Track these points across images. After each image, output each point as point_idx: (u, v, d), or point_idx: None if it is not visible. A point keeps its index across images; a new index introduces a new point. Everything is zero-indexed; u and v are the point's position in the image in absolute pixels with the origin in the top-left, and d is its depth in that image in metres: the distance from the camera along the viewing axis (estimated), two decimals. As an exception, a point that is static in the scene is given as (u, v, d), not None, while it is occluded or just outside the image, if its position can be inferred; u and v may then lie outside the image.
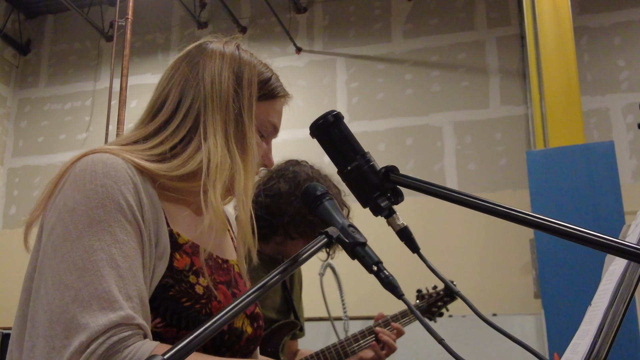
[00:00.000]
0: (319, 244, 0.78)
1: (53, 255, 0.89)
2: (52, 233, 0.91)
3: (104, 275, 0.86)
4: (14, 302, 4.35)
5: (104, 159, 0.95)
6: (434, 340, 0.75)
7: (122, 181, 0.94)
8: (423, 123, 7.01)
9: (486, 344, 4.33)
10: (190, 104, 1.05)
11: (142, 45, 8.15)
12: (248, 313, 1.12)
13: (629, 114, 6.40)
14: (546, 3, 4.46)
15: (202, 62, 1.09)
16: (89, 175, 0.92)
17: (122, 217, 0.91)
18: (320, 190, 0.90)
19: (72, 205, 0.91)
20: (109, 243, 0.88)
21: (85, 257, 0.87)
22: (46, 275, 0.89)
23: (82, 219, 0.89)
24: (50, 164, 8.10)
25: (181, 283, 0.99)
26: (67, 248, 0.88)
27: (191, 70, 1.09)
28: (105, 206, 0.90)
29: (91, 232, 0.88)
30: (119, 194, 0.92)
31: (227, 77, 1.07)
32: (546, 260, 3.79)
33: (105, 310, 0.84)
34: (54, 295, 0.86)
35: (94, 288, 0.85)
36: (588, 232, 0.64)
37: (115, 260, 0.88)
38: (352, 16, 7.63)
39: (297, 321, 2.04)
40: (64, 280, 0.86)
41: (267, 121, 1.12)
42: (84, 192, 0.91)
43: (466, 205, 0.75)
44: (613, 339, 0.74)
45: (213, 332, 0.63)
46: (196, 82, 1.07)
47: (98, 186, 0.91)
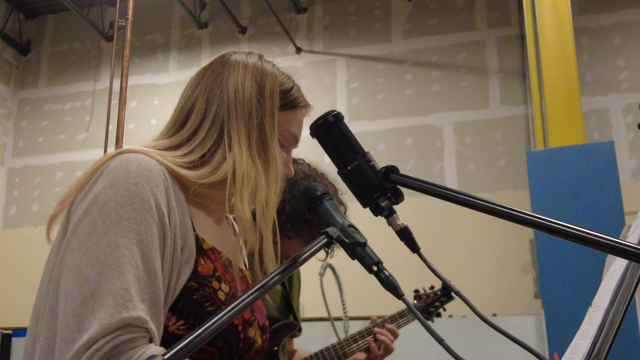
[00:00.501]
0: (319, 244, 0.78)
1: (77, 247, 0.90)
2: (79, 225, 0.92)
3: (124, 272, 0.87)
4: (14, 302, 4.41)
5: (139, 159, 0.96)
6: (434, 340, 0.75)
7: (155, 182, 0.95)
8: (423, 123, 7.01)
9: (486, 344, 4.33)
10: (215, 113, 1.07)
11: (142, 45, 8.15)
12: (260, 324, 1.13)
13: (629, 114, 6.40)
14: (546, 3, 4.46)
15: (227, 72, 1.11)
16: (123, 173, 0.94)
17: (149, 217, 0.92)
18: (320, 190, 0.90)
19: (103, 200, 0.92)
20: (133, 241, 0.89)
21: (109, 252, 0.88)
22: (68, 266, 0.90)
23: (111, 214, 0.90)
24: (50, 164, 8.11)
25: (205, 287, 1.01)
26: (92, 242, 0.89)
27: (215, 79, 1.11)
28: (134, 204, 0.91)
29: (118, 228, 0.89)
30: (149, 194, 0.93)
31: (250, 86, 1.09)
32: (546, 260, 3.79)
33: (119, 307, 0.85)
34: (72, 286, 0.87)
35: (112, 283, 0.86)
36: (588, 232, 0.64)
37: (136, 261, 0.89)
38: (352, 16, 7.63)
39: (296, 322, 2.04)
40: (85, 273, 0.87)
41: (288, 131, 1.13)
42: (116, 189, 0.92)
43: (466, 205, 0.75)
44: (613, 339, 0.74)
45: (213, 332, 0.63)
46: (220, 91, 1.09)
47: (130, 184, 0.93)
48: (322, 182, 1.89)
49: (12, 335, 5.63)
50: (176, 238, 0.97)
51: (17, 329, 5.84)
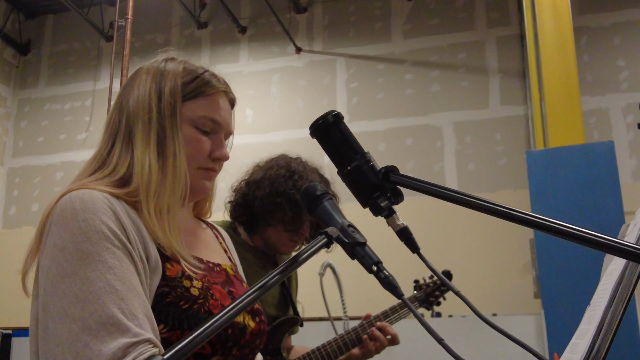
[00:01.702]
0: (319, 244, 0.78)
1: (53, 292, 0.93)
2: (49, 273, 0.95)
3: (105, 302, 0.90)
4: (14, 302, 4.40)
5: (80, 195, 1.00)
6: (434, 340, 0.75)
7: (101, 211, 0.98)
8: (423, 123, 7.01)
9: (486, 344, 4.33)
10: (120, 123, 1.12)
11: (142, 45, 8.15)
12: (248, 309, 1.14)
13: (629, 114, 6.40)
14: (546, 3, 4.45)
15: (132, 83, 1.15)
16: (70, 213, 0.98)
17: (109, 244, 0.96)
18: (319, 190, 0.90)
19: (61, 244, 0.96)
20: (102, 271, 0.93)
21: (84, 288, 0.91)
22: (51, 312, 0.93)
23: (73, 254, 0.94)
24: (50, 164, 8.11)
25: (176, 289, 1.04)
26: (65, 284, 0.92)
27: (122, 92, 1.16)
28: (90, 238, 0.95)
29: (84, 264, 0.93)
30: (100, 223, 0.97)
31: (149, 88, 1.12)
32: (546, 260, 3.79)
33: (113, 334, 0.88)
34: (62, 328, 0.90)
35: (98, 316, 0.89)
36: (588, 232, 0.64)
37: (113, 286, 0.92)
38: (352, 16, 7.63)
39: (297, 317, 2.05)
40: (69, 313, 0.90)
41: (202, 117, 1.13)
42: (69, 230, 0.96)
43: (466, 205, 0.75)
44: (612, 338, 0.74)
45: (213, 331, 0.64)
46: (125, 102, 1.13)
47: (80, 221, 0.96)
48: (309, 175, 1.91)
49: (12, 335, 5.63)
50: (140, 252, 1.00)
51: (17, 329, 5.83)
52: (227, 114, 1.18)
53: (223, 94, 1.18)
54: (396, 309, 2.10)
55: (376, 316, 2.09)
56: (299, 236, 1.95)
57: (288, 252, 1.99)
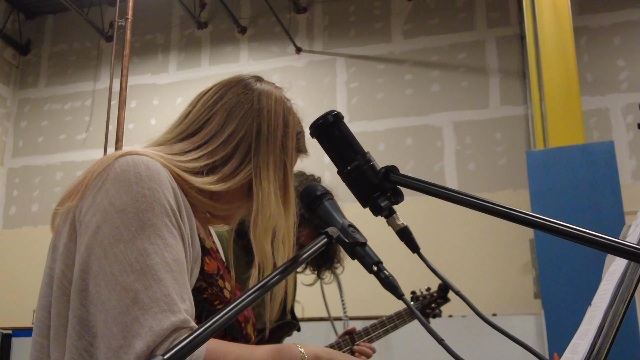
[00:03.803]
0: (319, 244, 0.78)
1: (103, 255, 0.89)
2: (99, 232, 0.90)
3: (161, 279, 0.87)
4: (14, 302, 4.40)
5: (145, 162, 0.95)
6: (434, 340, 0.75)
7: (165, 185, 0.95)
8: (423, 123, 7.01)
9: (486, 344, 4.33)
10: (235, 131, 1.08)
11: (142, 45, 8.15)
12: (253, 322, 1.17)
13: (629, 114, 6.40)
14: (546, 3, 4.46)
15: (257, 97, 1.12)
16: (134, 177, 0.93)
17: (168, 221, 0.92)
18: (320, 190, 0.90)
19: (121, 206, 0.91)
20: (161, 247, 0.90)
21: (142, 260, 0.88)
22: (96, 274, 0.88)
23: (133, 221, 0.90)
24: (50, 164, 8.10)
25: (213, 286, 1.03)
26: (120, 249, 0.88)
27: (241, 99, 1.11)
28: (154, 210, 0.91)
29: (144, 235, 0.89)
30: (164, 198, 0.93)
31: (280, 121, 1.11)
32: (546, 260, 3.79)
33: (166, 313, 0.85)
34: (108, 296, 0.86)
35: (153, 291, 0.86)
36: (588, 232, 0.64)
37: (169, 264, 0.89)
38: (352, 16, 7.62)
39: (295, 321, 2.05)
40: (121, 281, 0.86)
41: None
42: (132, 194, 0.91)
43: (466, 205, 0.75)
44: (613, 339, 0.74)
45: (214, 331, 0.63)
46: (247, 113, 1.09)
47: (145, 189, 0.92)
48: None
49: (12, 335, 5.63)
50: (189, 238, 0.98)
51: (17, 329, 5.83)
52: None
53: (304, 155, 1.20)
54: (401, 315, 2.09)
55: (381, 321, 2.08)
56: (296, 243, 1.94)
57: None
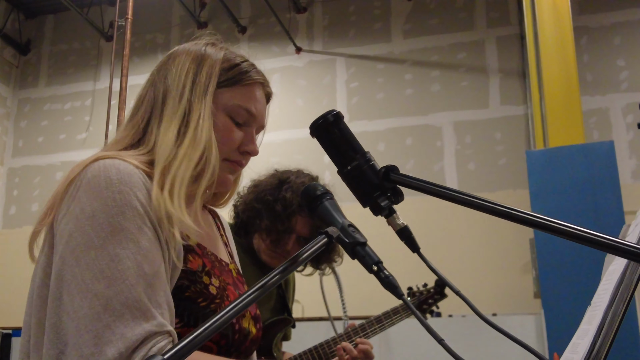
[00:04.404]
0: (319, 244, 0.78)
1: (75, 263, 0.88)
2: (71, 240, 0.89)
3: (133, 284, 0.86)
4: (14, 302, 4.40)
5: (116, 165, 0.94)
6: (434, 340, 0.75)
7: (137, 187, 0.93)
8: (423, 123, 7.01)
9: (486, 344, 4.33)
10: (155, 103, 1.07)
11: (142, 45, 8.15)
12: (252, 314, 1.14)
13: (629, 114, 6.40)
14: (546, 3, 4.46)
15: (170, 62, 1.11)
16: (104, 182, 0.91)
17: (142, 224, 0.91)
18: (320, 190, 0.90)
19: (90, 213, 0.89)
20: (133, 251, 0.88)
21: (112, 265, 0.86)
22: (69, 282, 0.87)
23: (104, 226, 0.88)
24: (50, 164, 8.10)
25: (196, 284, 1.01)
26: (91, 256, 0.87)
27: (159, 70, 1.12)
28: (124, 213, 0.90)
29: (115, 240, 0.88)
30: (135, 200, 0.92)
31: (187, 68, 1.08)
32: (546, 260, 3.79)
33: (138, 319, 0.84)
34: (80, 303, 0.85)
35: (124, 297, 0.85)
36: (588, 232, 0.64)
37: (143, 269, 0.88)
38: (352, 16, 7.62)
39: (290, 318, 2.06)
40: (92, 288, 0.85)
41: (237, 106, 1.09)
42: (102, 199, 0.90)
43: (466, 205, 0.75)
44: (613, 338, 0.74)
45: (213, 331, 0.63)
46: (162, 80, 1.09)
47: (115, 193, 0.91)
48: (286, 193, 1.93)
49: (12, 335, 5.63)
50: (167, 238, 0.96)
51: (17, 329, 5.83)
52: (262, 106, 1.14)
53: (260, 85, 1.14)
54: (398, 311, 2.10)
55: (377, 317, 2.08)
56: (280, 249, 1.93)
57: (271, 262, 1.96)
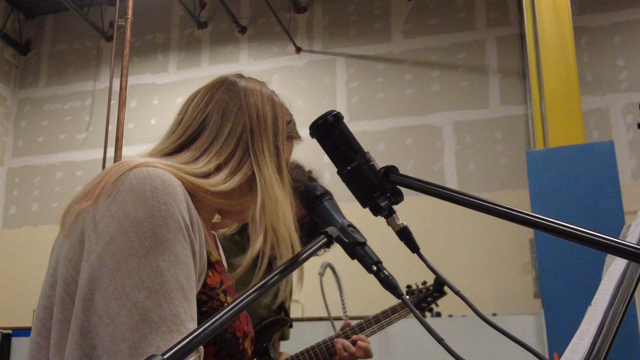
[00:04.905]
0: (319, 244, 0.78)
1: (115, 268, 0.88)
2: (113, 243, 0.89)
3: (172, 297, 0.86)
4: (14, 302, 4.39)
5: (160, 175, 0.95)
6: (434, 340, 0.75)
7: (179, 200, 0.94)
8: (423, 123, 7.01)
9: (486, 344, 4.33)
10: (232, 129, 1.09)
11: (141, 45, 8.15)
12: (252, 336, 1.16)
13: (629, 114, 6.40)
14: (546, 3, 4.46)
15: (243, 93, 1.14)
16: (150, 191, 0.92)
17: (182, 237, 0.92)
18: (320, 190, 0.90)
19: (136, 220, 0.90)
20: (174, 264, 0.89)
21: (154, 277, 0.87)
22: (105, 286, 0.87)
23: (148, 236, 0.89)
24: (50, 164, 8.11)
25: (213, 300, 1.02)
26: (133, 264, 0.87)
27: (231, 97, 1.12)
28: (168, 225, 0.90)
29: (158, 251, 0.89)
30: (178, 213, 0.92)
31: (268, 111, 1.13)
32: (546, 260, 3.79)
33: (173, 333, 0.84)
34: (117, 310, 0.85)
35: (163, 310, 0.85)
36: (588, 232, 0.64)
37: (181, 282, 0.88)
38: (352, 16, 7.63)
39: (287, 318, 2.06)
40: (131, 297, 0.86)
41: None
42: (147, 208, 0.91)
43: (466, 205, 0.75)
44: (613, 339, 0.74)
45: (213, 332, 0.63)
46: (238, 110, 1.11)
47: (161, 203, 0.91)
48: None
49: (12, 335, 5.63)
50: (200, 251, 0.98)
51: (17, 329, 5.84)
52: None
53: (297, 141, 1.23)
54: (396, 309, 2.09)
55: (375, 316, 2.08)
56: None
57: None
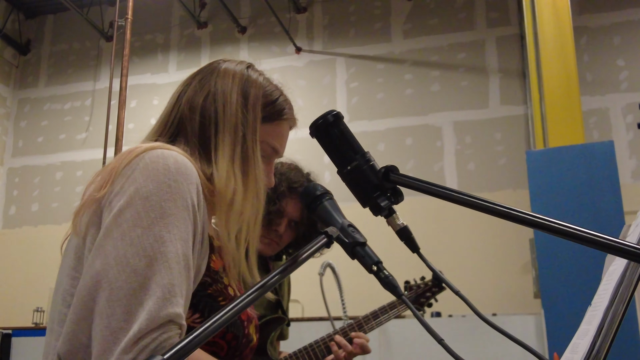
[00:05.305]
0: (319, 244, 0.78)
1: (120, 237, 0.89)
2: (121, 215, 0.91)
3: (171, 268, 0.88)
4: (14, 302, 4.39)
5: (174, 156, 0.97)
6: (434, 340, 0.75)
7: (190, 180, 0.96)
8: (423, 123, 7.01)
9: (486, 344, 4.33)
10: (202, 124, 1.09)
11: (141, 45, 8.15)
12: (256, 323, 1.16)
13: (629, 114, 6.40)
14: (546, 3, 4.46)
15: (214, 81, 1.12)
16: (162, 168, 0.94)
17: (187, 216, 0.93)
18: (320, 190, 0.90)
19: (145, 194, 0.92)
20: (176, 237, 0.91)
21: (156, 246, 0.88)
22: (108, 253, 0.89)
23: (155, 208, 0.91)
24: (50, 164, 8.10)
25: (217, 283, 1.05)
26: (137, 233, 0.89)
27: (202, 87, 1.12)
28: (176, 201, 0.93)
29: (162, 223, 0.90)
30: (187, 192, 0.95)
31: (236, 98, 1.10)
32: (546, 260, 3.79)
33: (166, 301, 0.85)
34: (117, 275, 0.86)
35: (161, 277, 0.86)
36: (588, 232, 0.64)
37: (179, 257, 0.90)
38: (352, 16, 7.63)
39: (284, 316, 2.06)
40: (132, 264, 0.87)
41: (265, 143, 1.13)
42: (157, 183, 0.93)
43: (466, 205, 0.75)
44: (613, 338, 0.74)
45: (213, 332, 0.64)
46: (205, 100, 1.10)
47: (171, 180, 0.94)
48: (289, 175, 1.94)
49: (12, 335, 5.63)
50: (202, 235, 0.99)
51: (17, 329, 5.83)
52: (286, 142, 1.19)
53: (289, 122, 1.18)
54: (394, 305, 2.09)
55: (373, 311, 2.07)
56: (274, 232, 1.91)
57: (264, 250, 1.94)
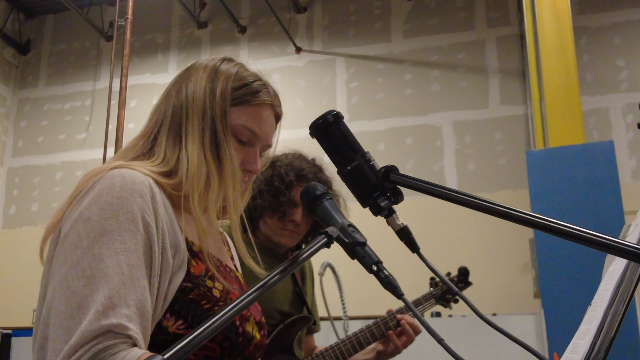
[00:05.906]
0: (319, 244, 0.78)
1: (63, 261, 0.92)
2: (65, 240, 0.95)
3: (108, 282, 0.89)
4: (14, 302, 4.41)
5: (122, 173, 0.99)
6: (434, 340, 0.75)
7: (138, 193, 0.97)
8: (423, 123, 7.01)
9: (486, 344, 4.32)
10: (172, 117, 1.12)
11: (141, 45, 8.15)
12: (257, 320, 1.15)
13: (629, 114, 6.40)
14: (546, 3, 4.46)
15: (186, 77, 1.15)
16: (107, 188, 0.96)
17: (133, 227, 0.94)
18: (320, 190, 0.90)
19: (87, 215, 0.94)
20: (117, 251, 0.91)
21: (94, 265, 0.90)
22: (55, 279, 0.93)
23: (95, 228, 0.93)
24: (50, 164, 8.10)
25: (199, 287, 1.03)
26: (77, 255, 0.91)
27: (174, 84, 1.16)
28: (117, 217, 0.94)
29: (101, 241, 0.91)
30: (133, 204, 0.95)
31: (204, 86, 1.12)
32: (546, 260, 3.79)
33: (99, 315, 0.86)
34: (60, 300, 0.89)
35: (97, 295, 0.87)
36: (588, 232, 0.64)
37: (121, 268, 0.90)
38: (352, 16, 7.62)
39: (310, 315, 2.05)
40: (71, 286, 0.89)
41: (242, 126, 1.12)
42: (100, 204, 0.95)
43: (466, 205, 0.75)
44: (613, 338, 0.74)
45: (213, 331, 0.63)
46: (178, 95, 1.13)
47: (114, 198, 0.95)
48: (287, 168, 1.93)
49: (12, 335, 5.63)
50: (165, 244, 0.99)
51: (17, 329, 5.83)
52: (268, 127, 1.17)
53: (269, 106, 1.16)
54: (420, 302, 2.09)
55: (399, 309, 2.05)
56: (291, 223, 1.91)
57: (286, 242, 1.95)
